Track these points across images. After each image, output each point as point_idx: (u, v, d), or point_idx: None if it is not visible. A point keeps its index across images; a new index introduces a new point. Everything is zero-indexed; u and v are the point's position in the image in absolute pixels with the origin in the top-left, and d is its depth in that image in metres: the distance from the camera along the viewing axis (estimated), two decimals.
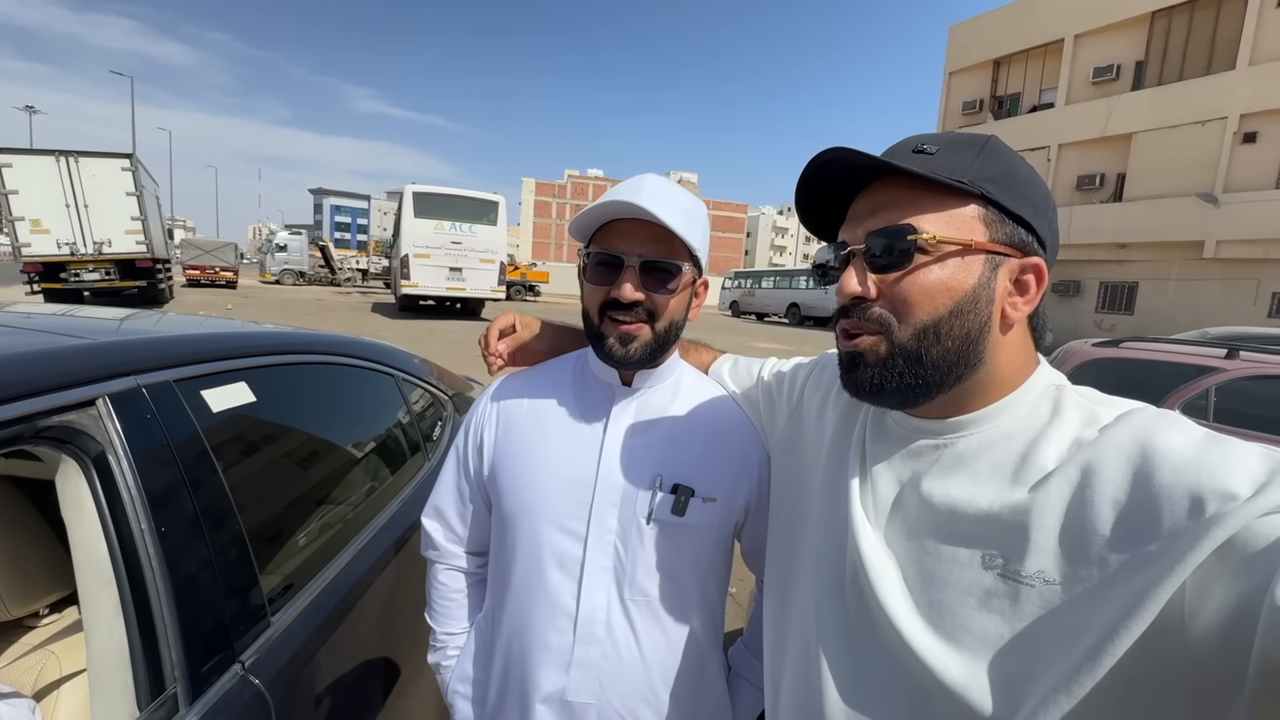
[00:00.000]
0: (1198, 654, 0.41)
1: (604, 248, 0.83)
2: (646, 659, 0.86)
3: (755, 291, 29.18)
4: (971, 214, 0.55)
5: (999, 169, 0.57)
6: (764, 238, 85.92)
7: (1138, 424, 0.50)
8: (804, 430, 0.81)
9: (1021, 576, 0.49)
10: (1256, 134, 15.89)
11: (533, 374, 1.00)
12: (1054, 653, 0.45)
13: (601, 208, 0.81)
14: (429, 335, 12.37)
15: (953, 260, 0.55)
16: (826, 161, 0.59)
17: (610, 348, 0.84)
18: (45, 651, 1.15)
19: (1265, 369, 3.49)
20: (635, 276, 0.82)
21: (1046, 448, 0.53)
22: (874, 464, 0.65)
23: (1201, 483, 0.43)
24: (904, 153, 0.58)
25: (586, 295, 0.87)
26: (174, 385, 0.99)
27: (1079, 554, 0.47)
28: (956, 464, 0.58)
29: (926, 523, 0.58)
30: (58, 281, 13.01)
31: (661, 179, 0.84)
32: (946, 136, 0.59)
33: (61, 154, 12.75)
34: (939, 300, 0.55)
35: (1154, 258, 17.88)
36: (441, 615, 1.03)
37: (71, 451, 0.84)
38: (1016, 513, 0.51)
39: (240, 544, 1.00)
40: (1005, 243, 0.56)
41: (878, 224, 0.58)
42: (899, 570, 0.59)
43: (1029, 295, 0.58)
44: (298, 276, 30.42)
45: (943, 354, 0.56)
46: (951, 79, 22.86)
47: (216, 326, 1.39)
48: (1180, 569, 0.40)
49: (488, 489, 0.96)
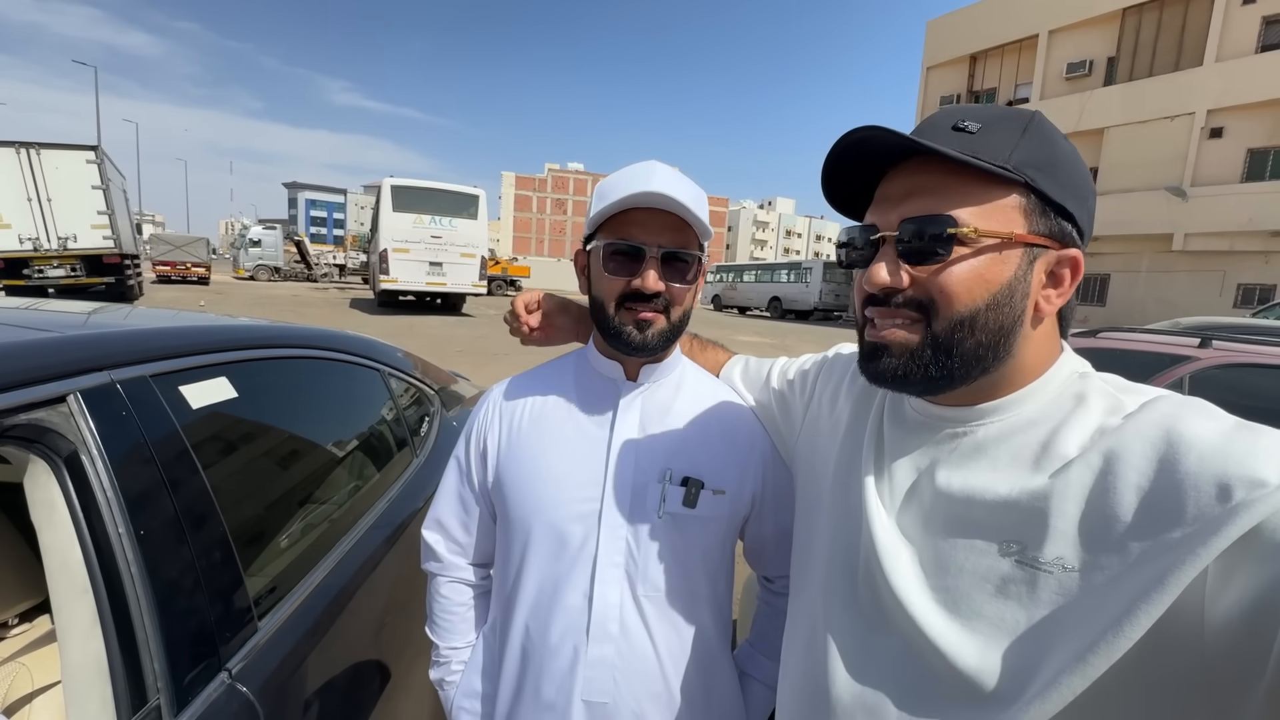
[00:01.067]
0: (1216, 641, 0.40)
1: (622, 237, 0.81)
2: (660, 655, 0.85)
3: (737, 285, 29.33)
4: (1013, 204, 0.53)
5: (1044, 153, 0.53)
6: (745, 232, 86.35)
7: (1164, 410, 0.49)
8: (819, 425, 0.80)
9: (1040, 563, 0.48)
10: (1223, 129, 16.35)
11: (532, 377, 0.98)
12: (1069, 637, 0.44)
13: (627, 198, 0.78)
14: (409, 331, 12.20)
15: (990, 253, 0.52)
16: (857, 140, 0.56)
17: (629, 335, 0.83)
18: (15, 664, 1.09)
19: (1236, 357, 3.56)
20: (658, 266, 0.81)
21: (1069, 435, 0.52)
22: (891, 450, 0.64)
23: (1229, 469, 0.42)
24: (943, 129, 0.55)
25: (602, 286, 0.84)
26: (150, 381, 0.94)
27: (1100, 541, 0.46)
28: (976, 451, 0.57)
29: (943, 510, 0.57)
30: (20, 278, 12.55)
31: (667, 166, 0.83)
32: (989, 111, 0.55)
33: (22, 146, 12.29)
34: (976, 293, 0.53)
35: (1125, 250, 18.32)
36: (445, 629, 1.00)
37: (41, 451, 0.79)
38: (1036, 499, 0.50)
39: (224, 546, 0.96)
40: (1045, 234, 0.54)
41: (913, 211, 0.54)
42: (913, 556, 0.58)
43: (1063, 288, 0.56)
44: (273, 272, 29.79)
45: (974, 347, 0.54)
46: (929, 74, 23.13)
47: (195, 320, 1.33)
48: (1204, 553, 0.39)
49: (493, 496, 0.94)
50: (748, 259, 77.47)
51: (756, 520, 0.93)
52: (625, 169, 0.84)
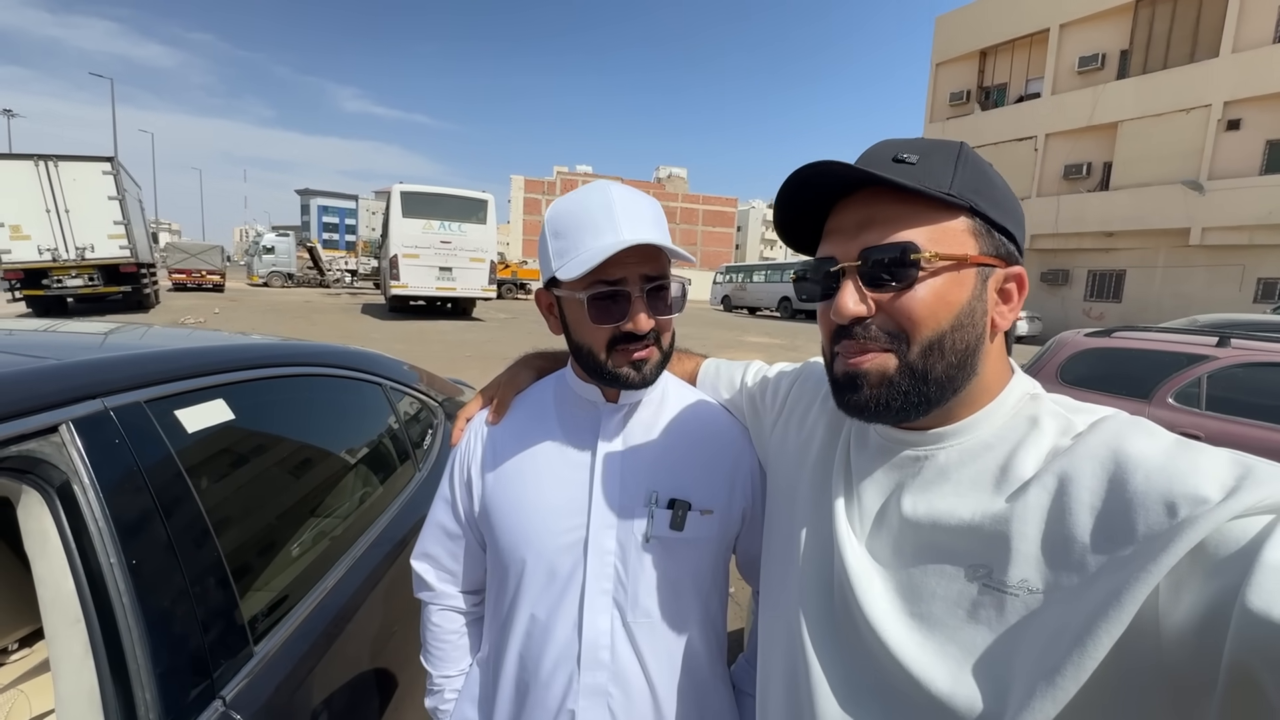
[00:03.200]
0: (1172, 656, 0.41)
1: (601, 279, 0.76)
2: (652, 680, 0.84)
3: (746, 286, 29.16)
4: (961, 227, 0.55)
5: (981, 179, 0.57)
6: (754, 232, 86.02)
7: (1110, 430, 0.51)
8: (788, 441, 0.79)
9: (1006, 586, 0.50)
10: (1240, 121, 16.04)
11: (512, 405, 0.96)
12: (1037, 659, 0.45)
13: (600, 250, 0.73)
14: (420, 336, 12.27)
15: (948, 274, 0.55)
16: (809, 175, 0.57)
17: (627, 378, 0.80)
18: (15, 691, 1.09)
19: (1256, 356, 3.49)
20: (645, 306, 0.77)
21: (1024, 457, 0.54)
22: (858, 476, 0.65)
23: (1173, 487, 0.44)
24: (883, 161, 0.57)
25: (588, 334, 0.79)
26: (144, 406, 0.94)
27: (1060, 561, 0.48)
28: (939, 477, 0.58)
29: (911, 536, 0.58)
30: (40, 288, 12.80)
31: (621, 189, 0.78)
32: (921, 143, 0.58)
33: (41, 158, 12.54)
34: (941, 316, 0.55)
35: (1141, 245, 18.04)
36: (437, 658, 0.99)
37: (33, 482, 0.79)
38: (998, 523, 0.52)
39: (219, 571, 0.95)
40: (993, 254, 0.57)
41: (872, 240, 0.56)
42: (885, 583, 0.59)
43: (1012, 303, 0.59)
44: (286, 278, 30.10)
45: (945, 369, 0.55)
46: (939, 70, 22.92)
47: (193, 341, 1.34)
48: (1155, 570, 0.41)
49: (480, 526, 0.93)
50: (757, 259, 77.24)
51: (748, 536, 0.91)
52: (577, 203, 0.77)
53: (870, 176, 0.54)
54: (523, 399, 0.96)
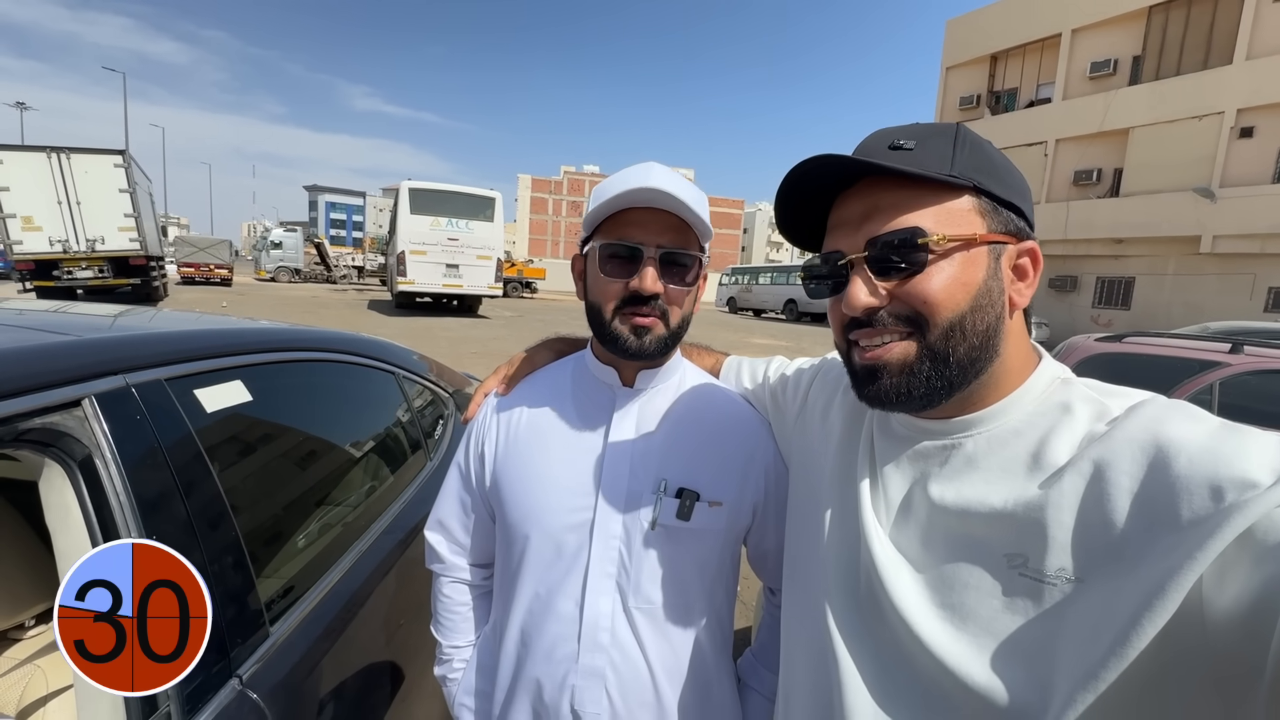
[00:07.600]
0: (1218, 643, 0.40)
1: (619, 238, 0.79)
2: (653, 667, 0.83)
3: (752, 287, 29.13)
4: (967, 207, 0.55)
5: (981, 158, 0.56)
6: (760, 233, 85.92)
7: (1149, 415, 0.49)
8: (810, 434, 0.79)
9: (1044, 575, 0.48)
10: (1253, 129, 15.90)
11: (531, 381, 0.97)
12: (1079, 649, 0.44)
13: (623, 195, 0.76)
14: (426, 332, 12.30)
15: (959, 256, 0.54)
16: (807, 170, 0.57)
17: (625, 340, 0.81)
18: (31, 666, 1.09)
19: (1269, 364, 3.46)
20: (656, 266, 0.79)
21: (1058, 444, 0.52)
22: (883, 465, 0.64)
23: (1219, 471, 0.42)
24: (880, 150, 0.56)
25: (599, 289, 0.82)
26: (165, 384, 0.94)
27: (1098, 549, 0.46)
28: (967, 465, 0.57)
29: (940, 527, 0.57)
30: (50, 279, 12.89)
31: (665, 167, 0.80)
32: (916, 128, 0.58)
33: (53, 150, 12.62)
34: (958, 298, 0.54)
35: (1151, 253, 17.91)
36: (447, 628, 1.01)
37: (56, 455, 0.79)
38: (1032, 511, 0.50)
39: (236, 550, 0.95)
40: (1003, 231, 0.56)
41: (877, 229, 0.55)
42: (913, 575, 0.57)
43: (1029, 279, 0.58)
44: (293, 274, 30.28)
45: (969, 350, 0.55)
46: (949, 74, 22.83)
47: (211, 323, 1.34)
48: (1201, 557, 0.40)
49: (490, 499, 0.93)
50: (763, 261, 77.12)
51: (759, 530, 0.90)
52: (622, 170, 0.81)
53: (869, 166, 0.54)
54: (540, 376, 0.97)
